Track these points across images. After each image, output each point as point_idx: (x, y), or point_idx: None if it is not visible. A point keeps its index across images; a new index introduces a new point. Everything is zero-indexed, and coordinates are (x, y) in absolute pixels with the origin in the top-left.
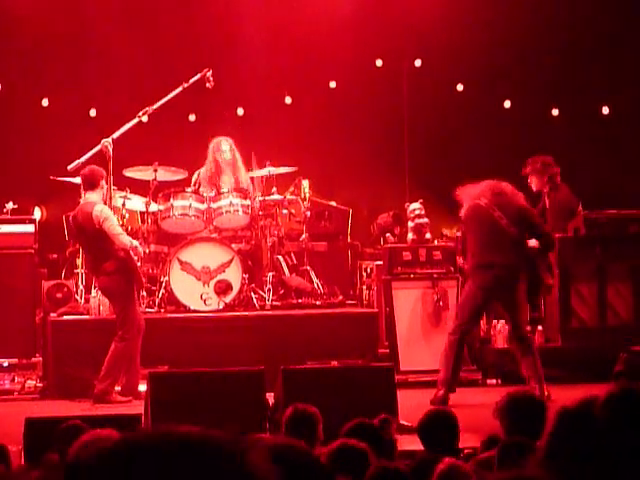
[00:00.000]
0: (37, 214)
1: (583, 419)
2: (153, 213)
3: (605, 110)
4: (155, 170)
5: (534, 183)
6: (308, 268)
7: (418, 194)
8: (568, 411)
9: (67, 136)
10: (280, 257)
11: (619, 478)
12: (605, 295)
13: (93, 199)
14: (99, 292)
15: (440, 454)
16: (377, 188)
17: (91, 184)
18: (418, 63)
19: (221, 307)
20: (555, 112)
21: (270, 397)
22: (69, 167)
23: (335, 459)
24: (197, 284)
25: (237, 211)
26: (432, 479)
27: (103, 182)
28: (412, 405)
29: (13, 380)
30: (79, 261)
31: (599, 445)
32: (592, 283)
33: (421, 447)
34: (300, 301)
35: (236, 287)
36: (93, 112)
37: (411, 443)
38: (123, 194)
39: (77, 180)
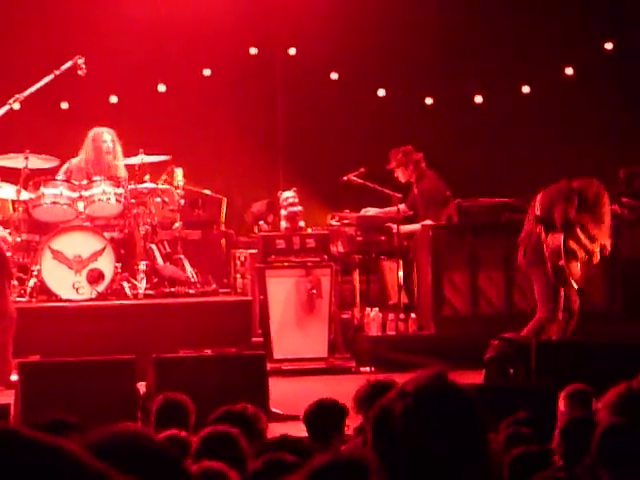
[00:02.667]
0: None
1: (384, 419)
2: (24, 201)
3: (478, 99)
4: (26, 158)
5: (401, 175)
6: (182, 257)
7: (292, 182)
8: (382, 406)
9: None
10: (153, 246)
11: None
12: (477, 283)
13: None
14: None
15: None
16: (251, 176)
17: None
18: (292, 51)
19: (93, 296)
20: (429, 101)
21: (142, 386)
22: None
23: (206, 446)
24: (69, 273)
25: (109, 199)
26: None
27: None
28: (285, 393)
29: None
30: None
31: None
32: (464, 271)
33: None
34: (173, 290)
35: (108, 276)
36: None
37: (282, 431)
38: None
39: None
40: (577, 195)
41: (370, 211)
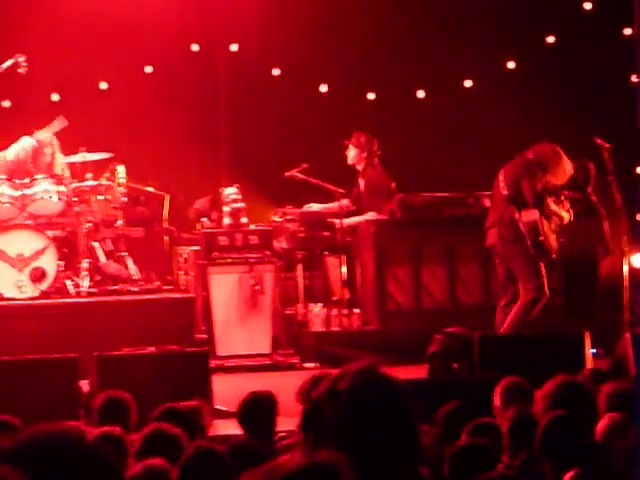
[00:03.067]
0: None
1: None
2: None
3: (421, 94)
4: None
5: (351, 155)
6: (124, 254)
7: (235, 179)
8: (313, 400)
9: None
10: (96, 243)
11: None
12: (421, 277)
13: None
14: None
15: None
16: (194, 173)
17: None
18: (234, 48)
19: (36, 294)
20: (371, 96)
21: (85, 385)
22: None
23: (148, 444)
24: (12, 271)
25: (51, 197)
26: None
27: None
28: (228, 390)
29: None
30: None
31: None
32: (408, 266)
33: (237, 431)
34: (116, 287)
35: (51, 274)
36: None
37: (227, 428)
38: None
39: None
40: (537, 165)
41: (313, 207)
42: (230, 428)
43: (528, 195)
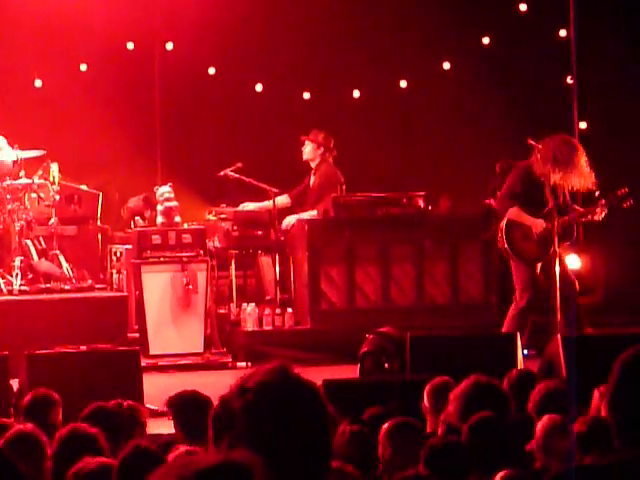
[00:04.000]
0: None
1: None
2: None
3: (356, 93)
4: None
5: (307, 151)
6: (57, 252)
7: (170, 177)
8: (223, 401)
9: None
10: (29, 241)
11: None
12: (354, 277)
13: None
14: None
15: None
16: (128, 172)
17: None
18: (170, 46)
19: None
20: (306, 95)
21: (16, 383)
22: None
23: (65, 444)
24: None
25: None
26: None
27: None
28: (160, 389)
29: None
30: None
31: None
32: (341, 265)
33: (168, 430)
34: (49, 286)
35: None
36: None
37: (157, 427)
38: None
39: None
40: (524, 169)
41: (248, 206)
42: (161, 427)
43: (497, 201)
